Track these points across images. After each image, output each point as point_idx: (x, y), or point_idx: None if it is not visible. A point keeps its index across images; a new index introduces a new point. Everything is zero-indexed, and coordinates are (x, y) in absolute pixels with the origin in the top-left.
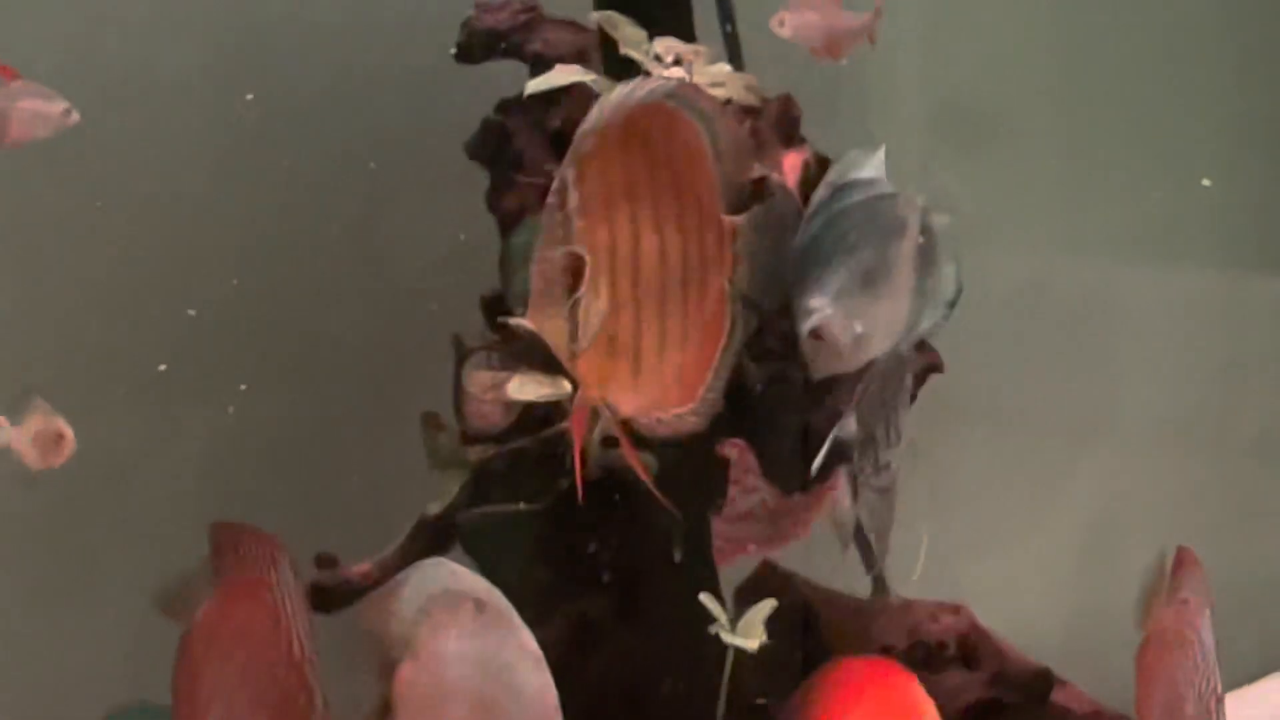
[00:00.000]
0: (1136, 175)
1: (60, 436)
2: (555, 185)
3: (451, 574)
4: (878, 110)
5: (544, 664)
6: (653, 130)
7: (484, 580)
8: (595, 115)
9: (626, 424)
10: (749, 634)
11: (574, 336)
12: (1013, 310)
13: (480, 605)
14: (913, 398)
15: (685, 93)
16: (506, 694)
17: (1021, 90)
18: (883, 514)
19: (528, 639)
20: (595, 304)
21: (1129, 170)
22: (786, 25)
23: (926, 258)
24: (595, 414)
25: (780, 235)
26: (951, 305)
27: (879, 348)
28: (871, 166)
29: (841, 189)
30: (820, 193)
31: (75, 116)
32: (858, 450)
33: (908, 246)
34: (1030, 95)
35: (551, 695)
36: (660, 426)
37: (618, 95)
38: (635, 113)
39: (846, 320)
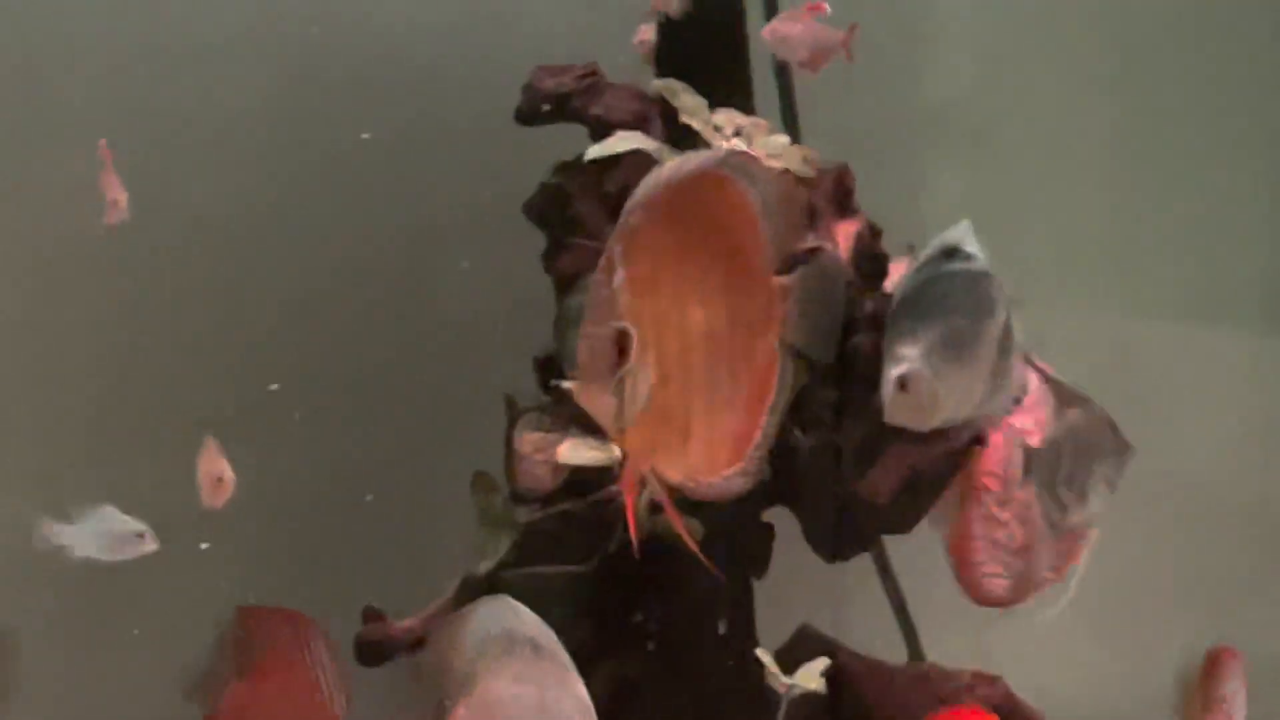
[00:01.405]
0: (1175, 233)
1: (221, 478)
2: (602, 261)
3: (514, 613)
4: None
5: (592, 713)
6: (703, 196)
7: (542, 623)
8: (643, 189)
9: (673, 490)
10: (807, 680)
11: (621, 412)
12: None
13: (537, 649)
14: (956, 468)
15: (735, 159)
16: None
17: (1063, 144)
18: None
19: (580, 687)
20: (643, 378)
21: (1168, 229)
22: (769, 37)
23: (1005, 345)
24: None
25: (831, 294)
26: (1017, 402)
27: (950, 415)
28: (974, 241)
29: (949, 253)
30: (929, 250)
31: None
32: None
33: (995, 328)
34: (1071, 148)
35: None
36: (708, 489)
37: (669, 170)
38: (685, 181)
39: (931, 377)
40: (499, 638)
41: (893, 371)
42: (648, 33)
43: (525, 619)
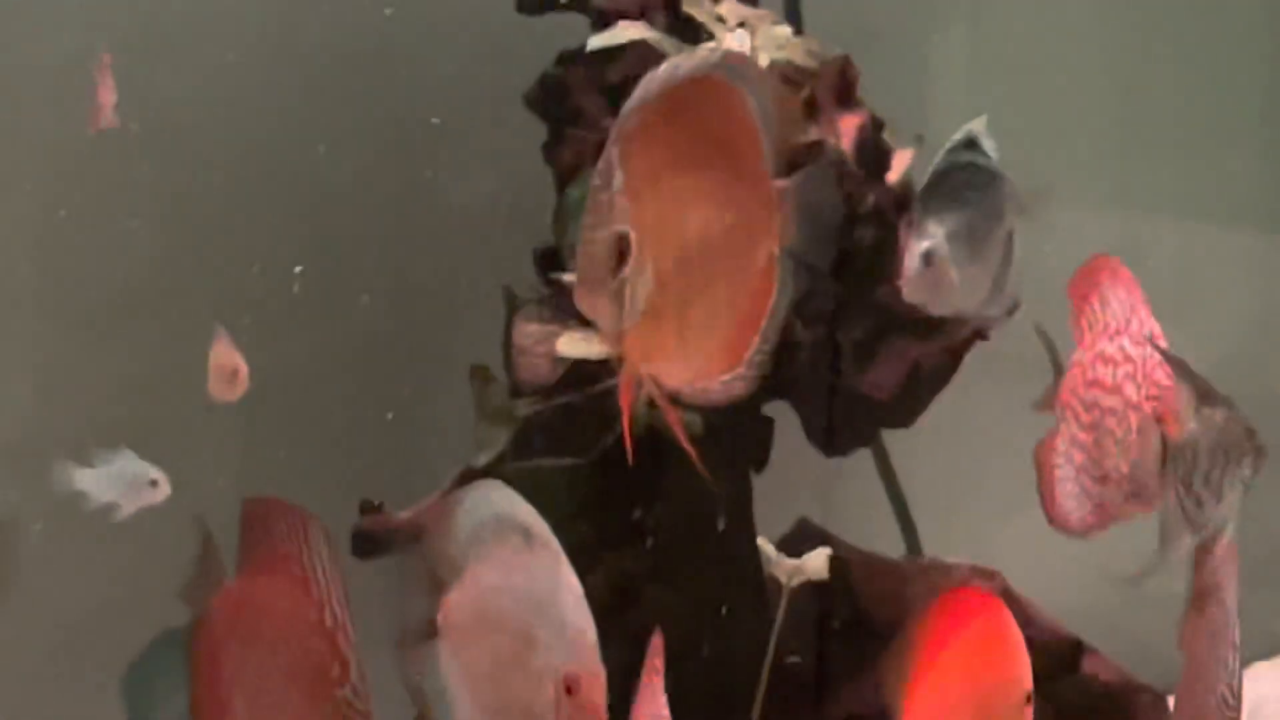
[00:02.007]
0: (1179, 131)
1: (236, 371)
2: (600, 164)
3: (506, 499)
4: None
5: (584, 602)
6: (700, 100)
7: (533, 510)
8: (640, 92)
9: (671, 394)
10: (811, 569)
11: (620, 315)
12: (1052, 264)
13: (528, 536)
14: (957, 363)
15: (732, 62)
16: (548, 629)
17: (1072, 45)
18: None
19: (570, 574)
20: (641, 282)
21: (1169, 127)
22: None
23: (1008, 251)
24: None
25: (828, 198)
26: (1009, 314)
27: (958, 305)
28: (990, 137)
29: (973, 144)
30: (959, 135)
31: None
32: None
33: (1002, 231)
34: (1081, 50)
35: (591, 633)
36: (707, 394)
37: (664, 71)
38: (682, 85)
39: (949, 260)
40: (490, 523)
41: (920, 246)
42: None
43: (517, 505)
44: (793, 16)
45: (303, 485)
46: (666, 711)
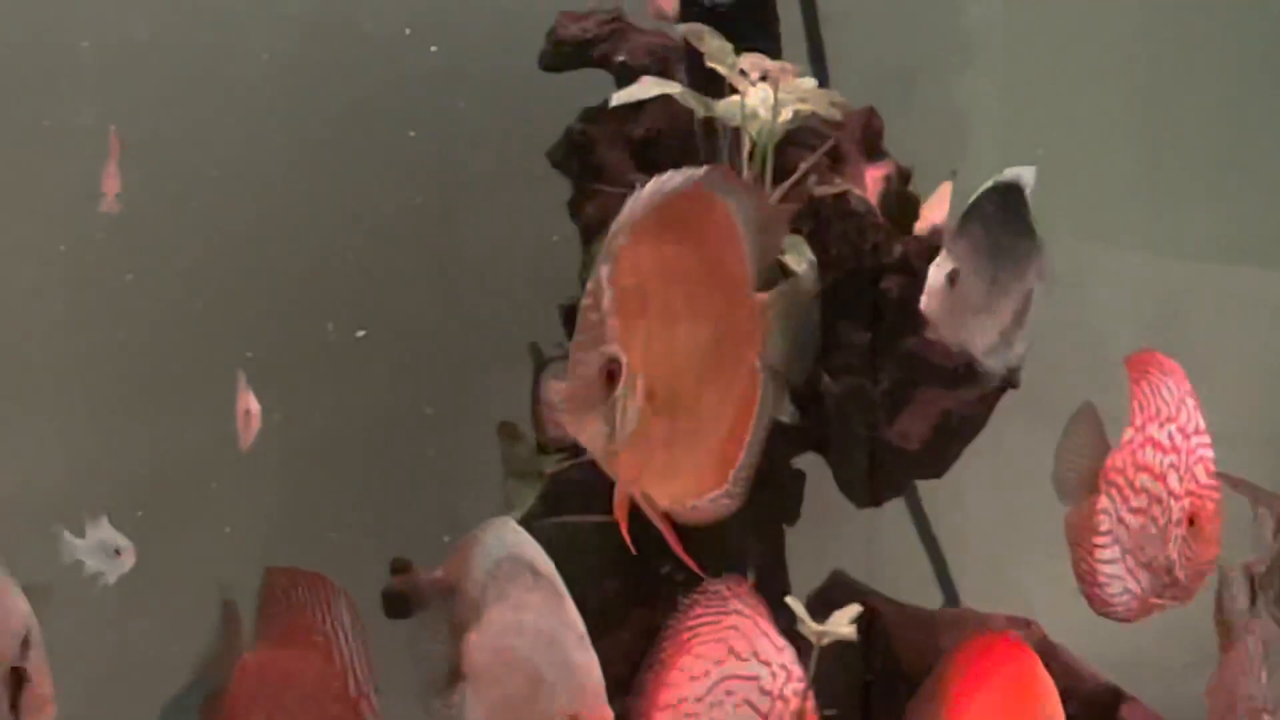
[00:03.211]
0: (1220, 178)
1: (248, 412)
2: (590, 284)
3: (514, 535)
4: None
5: (588, 641)
6: (686, 214)
7: (539, 546)
8: (628, 210)
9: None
10: (838, 628)
11: (611, 438)
12: (1092, 310)
13: (535, 573)
14: (988, 412)
15: (716, 176)
16: (554, 669)
17: (1107, 88)
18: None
19: (574, 614)
20: (632, 402)
21: (1212, 173)
22: None
23: (1021, 313)
24: None
25: (807, 311)
26: (1008, 375)
27: (968, 338)
28: (1032, 190)
29: (1012, 187)
30: (1010, 177)
31: None
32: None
33: (1020, 291)
34: (1117, 92)
35: (596, 673)
36: (695, 512)
37: (651, 189)
38: (669, 200)
39: (970, 282)
40: (505, 562)
41: (948, 264)
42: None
43: (524, 542)
44: (818, 65)
45: (330, 545)
46: None
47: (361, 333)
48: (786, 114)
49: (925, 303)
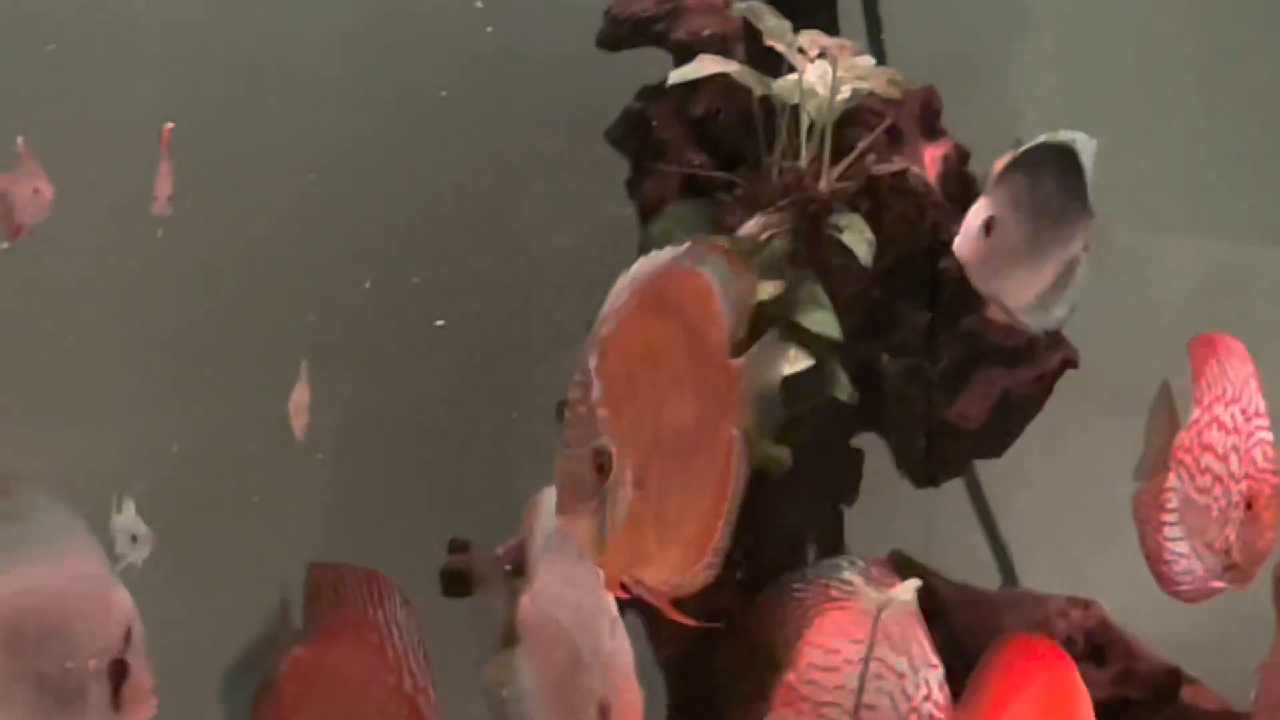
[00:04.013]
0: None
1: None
2: (577, 376)
3: None
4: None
5: (620, 627)
6: (668, 292)
7: None
8: (612, 297)
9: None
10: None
11: (601, 530)
12: (1149, 295)
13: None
14: (1047, 392)
15: (695, 251)
16: (589, 650)
17: (1162, 67)
18: None
19: (609, 600)
20: (623, 493)
21: (1272, 155)
22: None
23: (1064, 278)
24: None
25: (775, 374)
26: (1046, 337)
27: (1003, 290)
28: (1090, 157)
29: (1068, 150)
30: (1066, 137)
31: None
32: None
33: (1063, 255)
34: (1171, 72)
35: (626, 660)
36: (681, 588)
37: (633, 273)
38: (651, 280)
39: (1007, 233)
40: (558, 531)
41: (985, 211)
42: None
43: None
44: (875, 44)
45: (390, 528)
46: None
47: (440, 322)
48: (845, 92)
49: (958, 245)
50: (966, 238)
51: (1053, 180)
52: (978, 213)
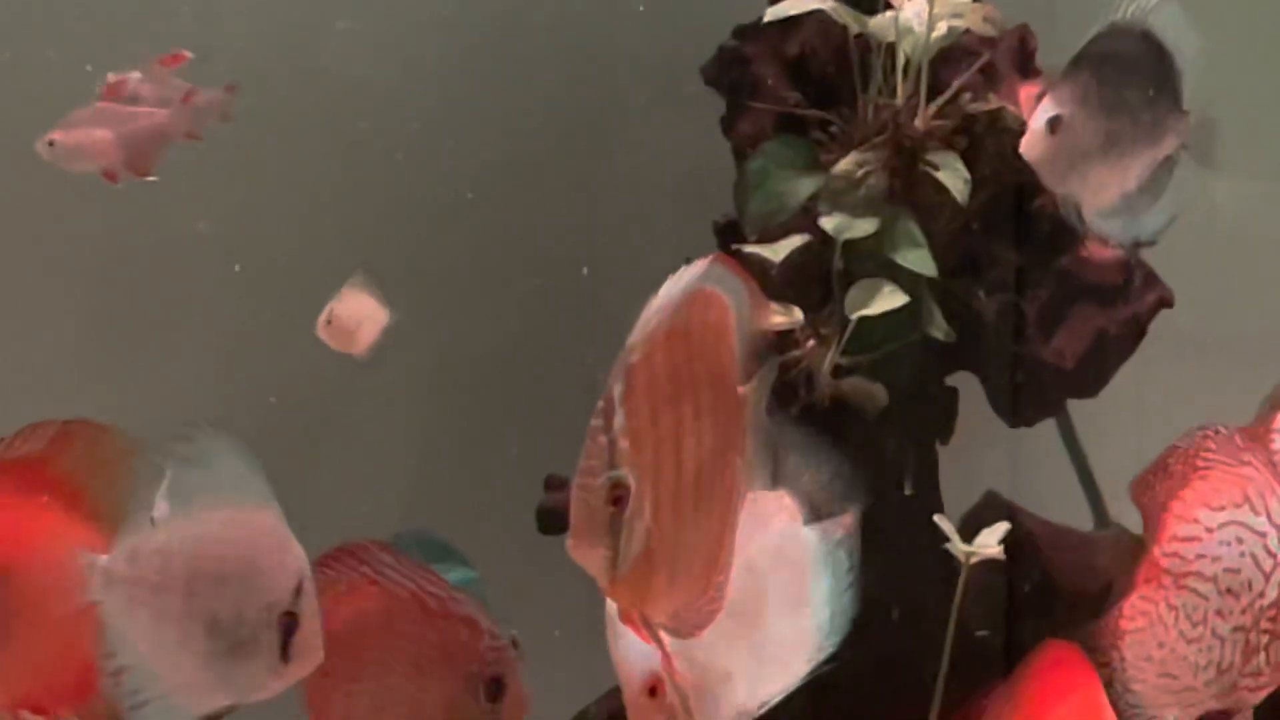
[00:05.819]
0: None
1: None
2: (601, 404)
3: None
4: None
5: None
6: (692, 317)
7: None
8: (640, 325)
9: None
10: (985, 548)
11: (615, 563)
12: (1225, 240)
13: None
14: (1142, 332)
15: (717, 270)
16: None
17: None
18: None
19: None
20: (640, 524)
21: None
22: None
23: (1157, 182)
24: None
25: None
26: (1151, 240)
27: (1078, 191)
28: (1185, 34)
29: (1151, 40)
30: (1141, 16)
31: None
32: None
33: (1152, 154)
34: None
35: None
36: (686, 625)
37: (661, 298)
38: (679, 304)
39: (1081, 131)
40: None
41: (1050, 110)
42: None
43: None
44: None
45: (485, 464)
46: None
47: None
48: (940, 29)
49: (1024, 146)
50: (1031, 139)
51: (1132, 72)
52: (1042, 112)
